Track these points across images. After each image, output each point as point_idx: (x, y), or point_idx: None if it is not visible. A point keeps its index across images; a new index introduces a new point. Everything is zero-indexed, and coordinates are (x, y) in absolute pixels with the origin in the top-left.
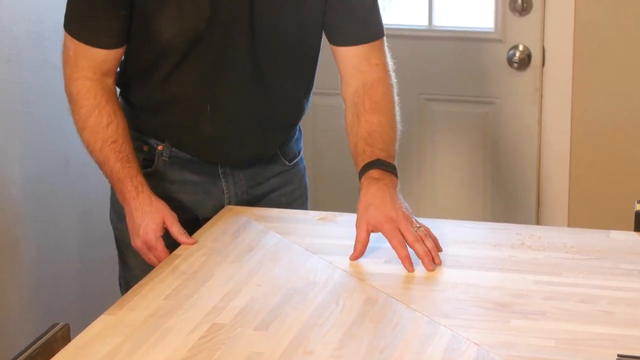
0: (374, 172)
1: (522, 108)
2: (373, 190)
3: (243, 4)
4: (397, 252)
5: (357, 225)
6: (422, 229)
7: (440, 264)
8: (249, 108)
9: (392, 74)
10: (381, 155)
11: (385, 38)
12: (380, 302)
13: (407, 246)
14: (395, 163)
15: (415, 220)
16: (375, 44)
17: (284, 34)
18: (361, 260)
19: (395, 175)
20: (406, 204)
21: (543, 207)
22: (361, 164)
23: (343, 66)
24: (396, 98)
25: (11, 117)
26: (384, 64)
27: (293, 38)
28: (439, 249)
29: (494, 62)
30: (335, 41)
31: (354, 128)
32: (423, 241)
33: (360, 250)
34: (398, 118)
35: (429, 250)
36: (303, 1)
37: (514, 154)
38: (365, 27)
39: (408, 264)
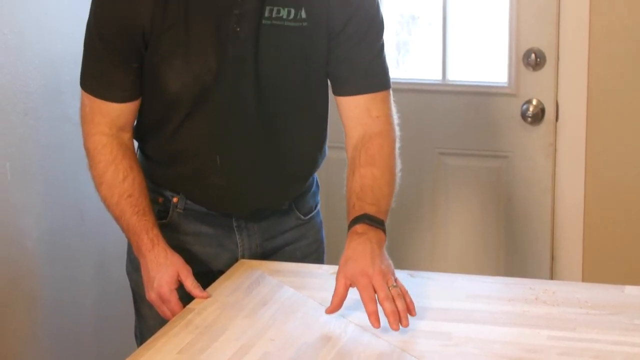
0: (358, 227)
1: (535, 162)
2: (354, 244)
3: (249, 57)
4: (365, 306)
5: (336, 279)
6: (397, 288)
7: (407, 326)
8: (259, 160)
9: (396, 128)
10: (370, 209)
11: (391, 91)
12: (394, 357)
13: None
14: (387, 219)
15: (395, 279)
16: (377, 95)
17: (290, 85)
18: None
19: (383, 230)
20: (389, 261)
21: (557, 262)
22: (350, 219)
23: (345, 118)
24: (397, 151)
25: (27, 171)
26: (387, 116)
27: (300, 89)
28: (411, 313)
29: (507, 117)
30: (336, 91)
31: (349, 183)
32: (394, 300)
33: (337, 304)
34: (398, 172)
35: (397, 311)
36: (308, 52)
37: (527, 208)
38: (366, 77)
39: (374, 319)
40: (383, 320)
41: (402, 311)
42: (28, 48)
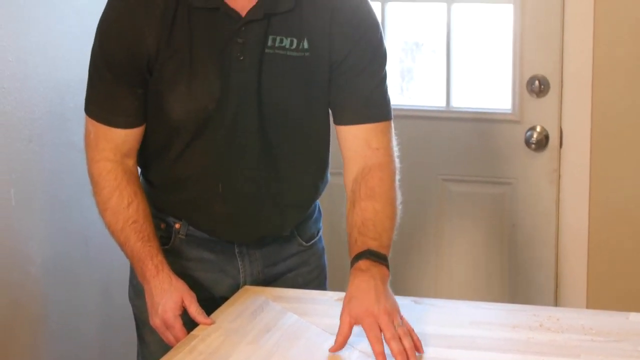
0: (362, 263)
1: (540, 189)
2: (358, 282)
3: (252, 84)
4: (372, 347)
5: (340, 318)
6: (403, 327)
7: None
8: (262, 187)
9: (396, 160)
10: (372, 245)
11: (392, 123)
12: None
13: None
14: (390, 254)
15: (400, 317)
16: (377, 126)
17: (291, 113)
18: None
19: (386, 265)
20: (393, 298)
21: (561, 288)
22: (352, 255)
23: (344, 148)
24: (397, 184)
25: (31, 197)
26: (386, 149)
27: (301, 117)
28: (418, 350)
29: (511, 143)
30: (337, 120)
31: (350, 217)
32: (401, 339)
33: (340, 343)
34: (398, 205)
35: (404, 350)
36: (309, 81)
37: (531, 235)
38: (366, 107)
39: None
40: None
41: (409, 349)
42: (33, 75)
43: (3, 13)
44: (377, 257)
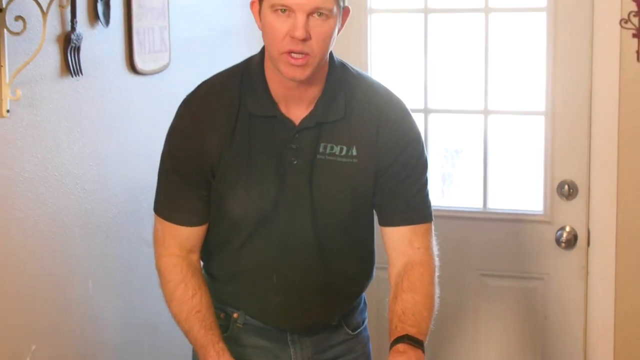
0: (400, 346)
1: (569, 284)
2: None
3: (304, 186)
4: None
5: None
6: None
7: None
8: (313, 280)
9: (436, 258)
10: (411, 331)
11: (432, 224)
12: None
13: None
14: (426, 341)
15: None
16: (419, 228)
17: (340, 213)
18: None
19: (422, 349)
20: None
21: None
22: (392, 339)
23: (388, 247)
24: (436, 280)
25: (107, 288)
26: (427, 248)
27: (348, 217)
28: None
29: (543, 242)
30: (381, 222)
31: (392, 306)
32: None
33: None
34: (437, 298)
35: None
36: (356, 185)
37: (561, 327)
38: (408, 210)
39: None
40: None
41: None
42: (110, 177)
43: (86, 124)
44: (415, 342)
